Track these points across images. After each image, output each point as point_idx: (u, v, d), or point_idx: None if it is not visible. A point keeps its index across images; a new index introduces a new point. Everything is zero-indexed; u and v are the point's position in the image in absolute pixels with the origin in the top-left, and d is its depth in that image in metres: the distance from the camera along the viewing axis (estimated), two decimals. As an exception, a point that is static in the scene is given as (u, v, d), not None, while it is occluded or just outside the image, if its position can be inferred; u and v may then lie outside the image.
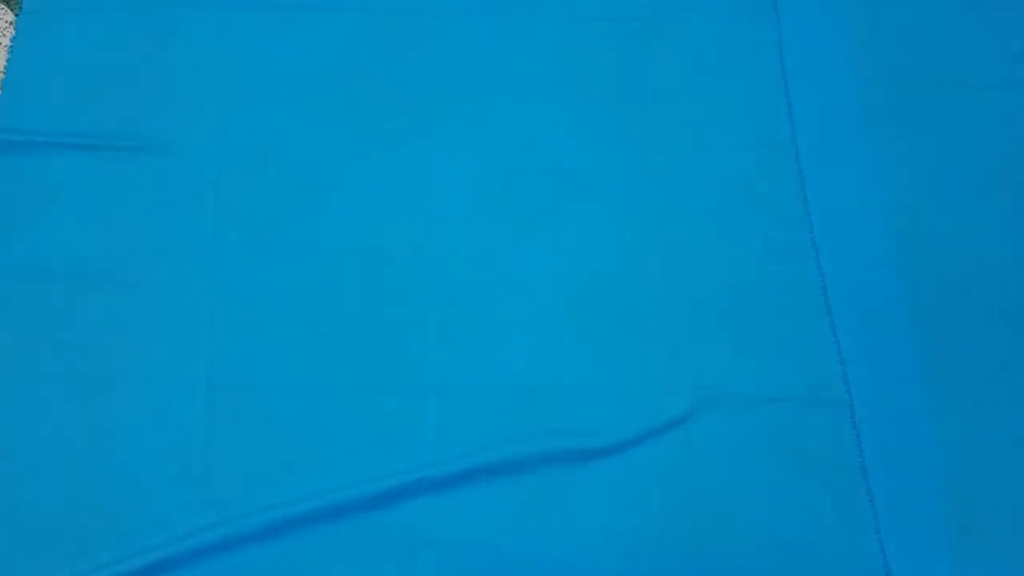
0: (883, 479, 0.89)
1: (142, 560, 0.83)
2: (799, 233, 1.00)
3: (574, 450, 0.89)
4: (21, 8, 1.07)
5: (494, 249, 0.98)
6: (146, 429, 0.89)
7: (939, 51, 1.09)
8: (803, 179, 1.02)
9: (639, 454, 0.90)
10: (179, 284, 0.95)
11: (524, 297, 0.96)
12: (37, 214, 0.97)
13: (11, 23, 1.07)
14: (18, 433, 0.89)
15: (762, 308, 0.96)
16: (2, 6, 1.08)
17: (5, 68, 1.04)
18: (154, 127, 1.02)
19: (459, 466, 0.88)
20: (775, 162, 1.03)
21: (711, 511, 0.88)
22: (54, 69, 1.04)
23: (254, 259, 0.97)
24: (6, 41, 1.06)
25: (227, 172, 1.00)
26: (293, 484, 0.87)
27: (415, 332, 0.94)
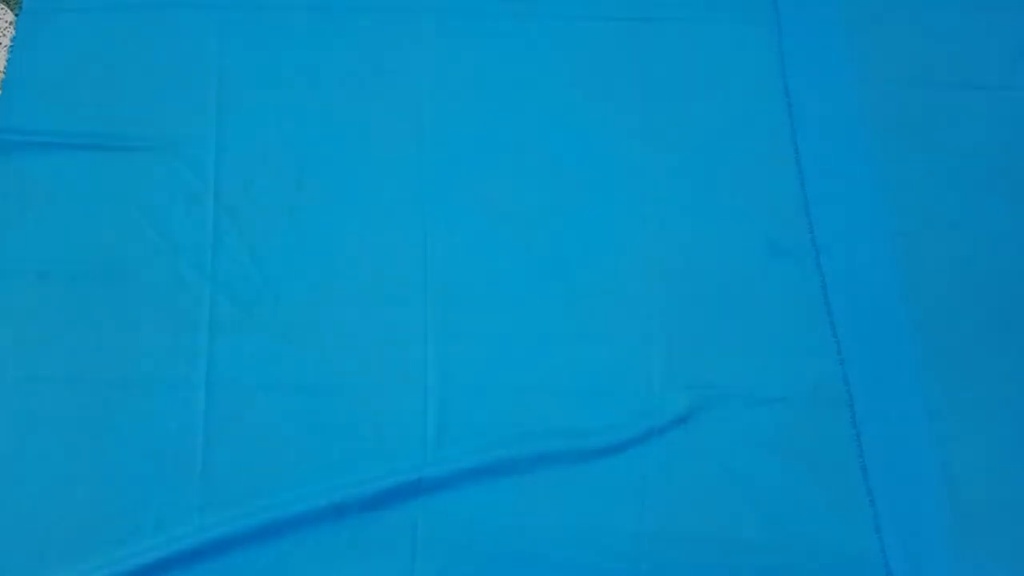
0: (883, 479, 0.89)
1: (142, 560, 0.83)
2: (799, 233, 1.00)
3: (574, 450, 0.89)
4: (21, 8, 1.07)
5: (494, 249, 0.98)
6: (146, 429, 0.89)
7: (939, 51, 1.09)
8: (803, 179, 1.02)
9: (639, 454, 0.90)
10: (179, 284, 0.95)
11: (523, 297, 0.96)
12: (37, 214, 0.98)
13: (11, 23, 1.07)
14: (18, 433, 0.89)
15: (762, 308, 0.96)
16: (2, 6, 1.08)
17: (5, 68, 1.04)
18: (154, 127, 1.02)
19: (459, 466, 0.88)
20: (775, 162, 1.03)
21: (711, 511, 0.88)
22: (54, 69, 1.04)
23: (254, 259, 0.97)
24: (6, 41, 1.06)
25: (227, 172, 1.00)
26: (293, 484, 0.87)
27: (415, 332, 0.94)
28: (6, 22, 1.07)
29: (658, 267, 0.98)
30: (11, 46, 1.05)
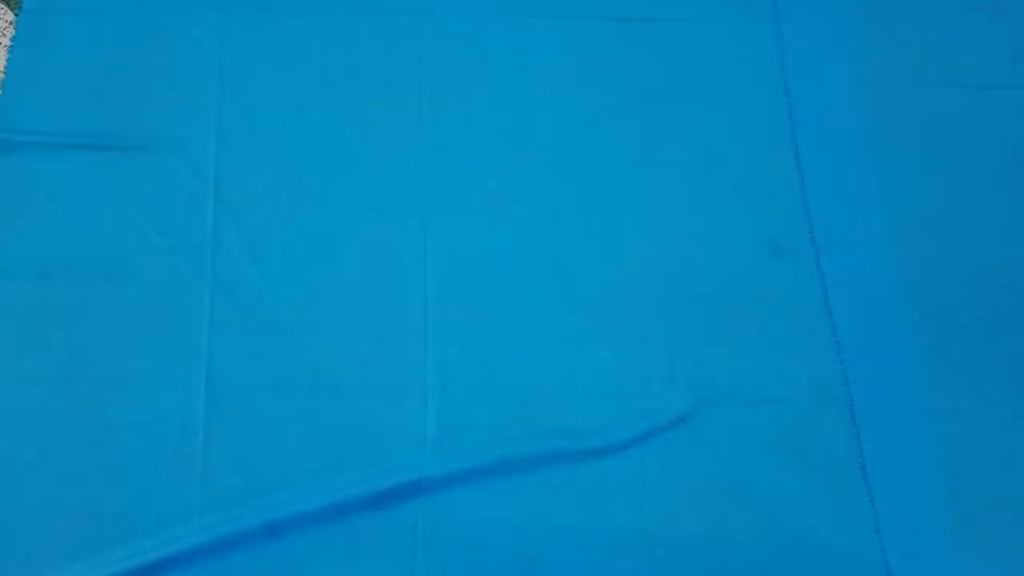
0: (883, 479, 0.89)
1: (142, 560, 0.83)
2: (799, 233, 1.00)
3: (574, 450, 0.89)
4: (21, 8, 1.07)
5: (494, 249, 0.98)
6: (146, 429, 0.89)
7: (939, 51, 1.09)
8: (803, 179, 1.02)
9: (639, 454, 0.90)
10: (179, 283, 0.95)
11: (524, 297, 0.96)
12: (37, 214, 0.98)
13: (11, 23, 1.07)
14: (18, 433, 0.89)
15: (762, 308, 0.96)
16: (2, 6, 1.08)
17: (5, 68, 1.04)
18: (154, 127, 1.02)
19: (459, 466, 0.88)
20: (775, 162, 1.03)
21: (711, 511, 0.88)
22: (54, 69, 1.04)
23: (254, 259, 0.97)
24: (6, 41, 1.06)
25: (227, 172, 1.00)
26: (293, 484, 0.87)
27: (415, 332, 0.94)
28: (6, 22, 1.07)
29: (658, 267, 0.98)
30: (11, 46, 1.05)
